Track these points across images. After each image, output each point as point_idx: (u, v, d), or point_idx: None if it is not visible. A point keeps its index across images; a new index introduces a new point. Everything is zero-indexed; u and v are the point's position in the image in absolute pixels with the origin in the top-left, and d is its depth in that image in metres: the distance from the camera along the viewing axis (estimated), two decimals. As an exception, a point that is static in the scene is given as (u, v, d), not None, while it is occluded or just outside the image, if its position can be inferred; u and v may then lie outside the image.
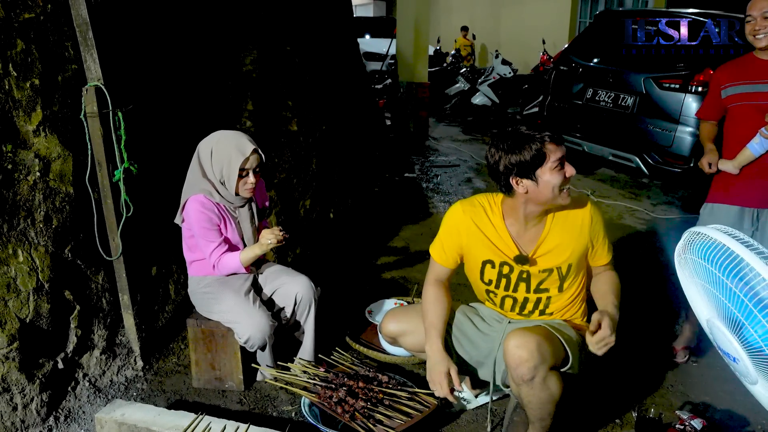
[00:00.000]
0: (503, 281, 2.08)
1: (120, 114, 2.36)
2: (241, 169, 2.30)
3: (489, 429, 2.26)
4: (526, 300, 2.10)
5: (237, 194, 2.37)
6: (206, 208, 2.31)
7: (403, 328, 2.25)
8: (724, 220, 2.58)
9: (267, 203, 2.66)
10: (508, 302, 2.13)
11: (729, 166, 2.55)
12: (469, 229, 2.07)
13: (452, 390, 2.01)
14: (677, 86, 4.73)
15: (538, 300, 2.08)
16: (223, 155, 2.30)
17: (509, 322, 2.14)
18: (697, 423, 2.14)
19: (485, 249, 2.07)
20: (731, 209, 2.59)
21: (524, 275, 2.05)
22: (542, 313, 2.11)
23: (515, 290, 2.09)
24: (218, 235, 2.36)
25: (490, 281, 2.11)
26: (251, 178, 2.34)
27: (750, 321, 1.19)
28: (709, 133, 2.74)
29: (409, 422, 2.11)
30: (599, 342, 1.80)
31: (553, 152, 1.84)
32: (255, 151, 2.33)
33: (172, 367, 2.69)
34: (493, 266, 2.07)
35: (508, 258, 2.04)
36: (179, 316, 2.86)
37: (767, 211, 2.54)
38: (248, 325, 2.31)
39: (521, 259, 2.01)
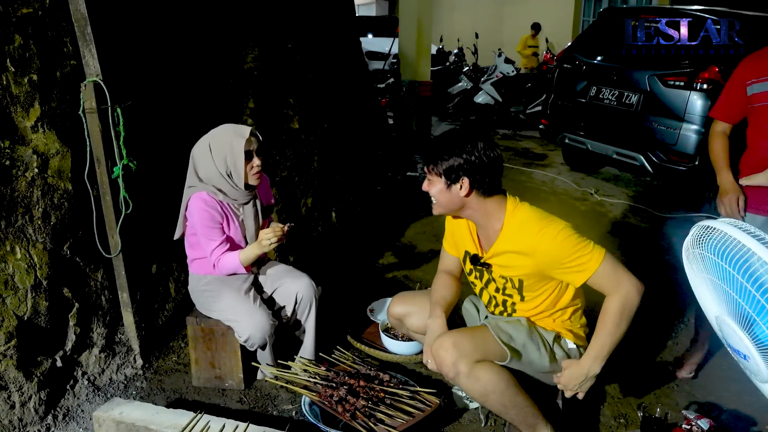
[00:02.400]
0: (477, 274, 2.11)
1: (119, 110, 2.34)
2: (246, 152, 2.27)
3: (483, 424, 2.28)
4: (494, 298, 2.11)
5: (246, 184, 2.33)
6: (209, 205, 2.28)
7: (409, 309, 2.31)
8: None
9: (272, 201, 2.64)
10: (485, 296, 2.17)
11: (762, 180, 2.23)
12: (458, 219, 2.12)
13: None
14: (682, 84, 4.68)
15: (504, 302, 2.08)
16: (224, 144, 2.27)
17: (486, 317, 2.19)
18: (704, 423, 2.10)
19: (466, 240, 2.11)
20: (756, 219, 2.32)
21: (490, 275, 2.06)
22: (509, 316, 2.09)
23: (486, 286, 2.11)
24: (220, 234, 2.33)
25: (471, 271, 2.15)
26: (257, 161, 2.31)
27: (762, 317, 1.15)
28: (725, 151, 2.35)
29: (411, 421, 2.09)
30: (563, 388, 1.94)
31: None
32: (253, 133, 2.31)
33: (172, 365, 2.67)
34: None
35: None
36: (179, 314, 2.84)
37: None
38: (248, 324, 2.28)
39: (474, 259, 2.06)
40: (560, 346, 2.02)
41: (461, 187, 1.87)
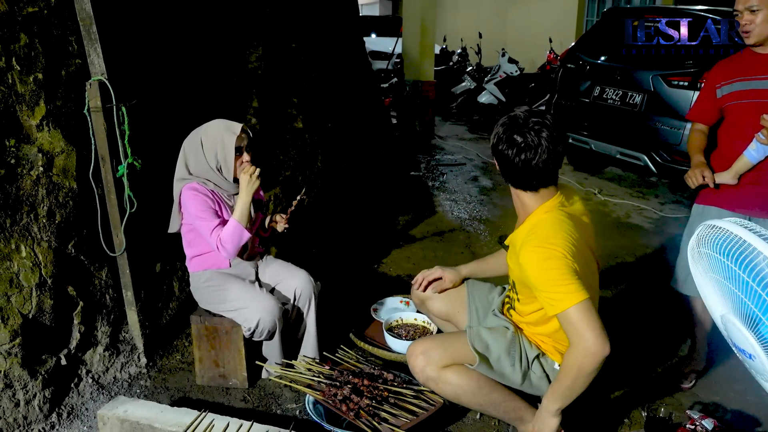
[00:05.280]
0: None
1: (124, 109, 2.34)
2: (236, 148, 2.31)
3: (478, 416, 2.31)
4: (509, 294, 2.12)
5: (235, 179, 2.37)
6: (201, 192, 2.33)
7: (432, 292, 2.37)
8: None
9: (261, 194, 2.65)
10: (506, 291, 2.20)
11: (726, 178, 2.36)
12: None
13: (425, 289, 2.36)
14: (686, 84, 4.66)
15: (511, 299, 2.09)
16: (215, 139, 2.31)
17: (493, 310, 2.20)
18: (708, 423, 2.09)
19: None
20: (722, 213, 2.44)
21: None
22: (509, 315, 2.10)
23: (508, 281, 2.13)
24: (216, 216, 2.33)
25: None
26: (246, 157, 2.36)
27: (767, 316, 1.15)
28: (700, 143, 2.52)
29: (415, 420, 2.08)
30: None
31: None
32: (244, 129, 2.35)
33: (176, 364, 2.67)
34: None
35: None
36: (183, 312, 2.84)
37: (762, 221, 2.37)
38: (257, 309, 2.28)
39: (501, 238, 2.03)
40: (540, 364, 1.97)
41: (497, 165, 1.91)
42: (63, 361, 2.33)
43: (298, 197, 2.53)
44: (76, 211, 2.39)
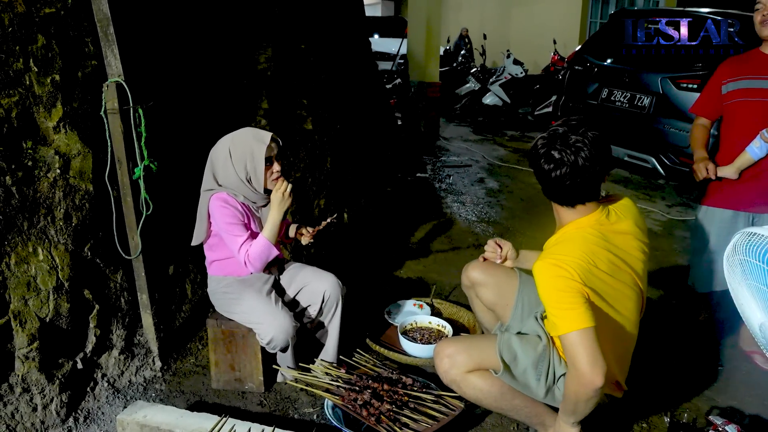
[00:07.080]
0: None
1: (140, 111, 2.33)
2: (266, 158, 2.26)
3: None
4: None
5: (265, 189, 2.33)
6: (230, 204, 2.28)
7: (485, 279, 2.30)
8: (717, 223, 2.56)
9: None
10: None
11: (728, 172, 2.45)
12: None
13: (504, 260, 2.27)
14: (695, 86, 4.67)
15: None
16: (245, 150, 2.26)
17: (533, 315, 2.13)
18: (731, 429, 2.08)
19: None
20: (725, 212, 2.54)
21: None
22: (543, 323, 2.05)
23: None
24: (244, 230, 2.30)
25: None
26: (276, 167, 2.32)
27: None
28: (702, 137, 2.61)
29: (436, 425, 2.07)
30: None
31: None
32: (273, 138, 2.30)
33: (190, 367, 2.66)
34: None
35: None
36: (196, 315, 2.83)
37: (764, 216, 2.46)
38: (271, 326, 2.26)
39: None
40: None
41: None
42: (79, 365, 2.31)
43: (329, 219, 2.49)
44: (92, 213, 2.38)
